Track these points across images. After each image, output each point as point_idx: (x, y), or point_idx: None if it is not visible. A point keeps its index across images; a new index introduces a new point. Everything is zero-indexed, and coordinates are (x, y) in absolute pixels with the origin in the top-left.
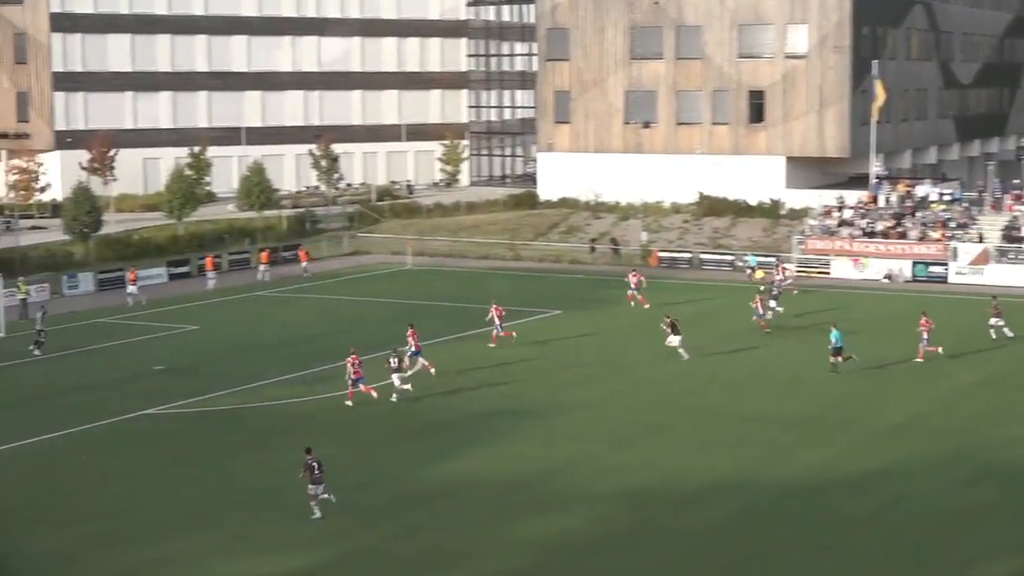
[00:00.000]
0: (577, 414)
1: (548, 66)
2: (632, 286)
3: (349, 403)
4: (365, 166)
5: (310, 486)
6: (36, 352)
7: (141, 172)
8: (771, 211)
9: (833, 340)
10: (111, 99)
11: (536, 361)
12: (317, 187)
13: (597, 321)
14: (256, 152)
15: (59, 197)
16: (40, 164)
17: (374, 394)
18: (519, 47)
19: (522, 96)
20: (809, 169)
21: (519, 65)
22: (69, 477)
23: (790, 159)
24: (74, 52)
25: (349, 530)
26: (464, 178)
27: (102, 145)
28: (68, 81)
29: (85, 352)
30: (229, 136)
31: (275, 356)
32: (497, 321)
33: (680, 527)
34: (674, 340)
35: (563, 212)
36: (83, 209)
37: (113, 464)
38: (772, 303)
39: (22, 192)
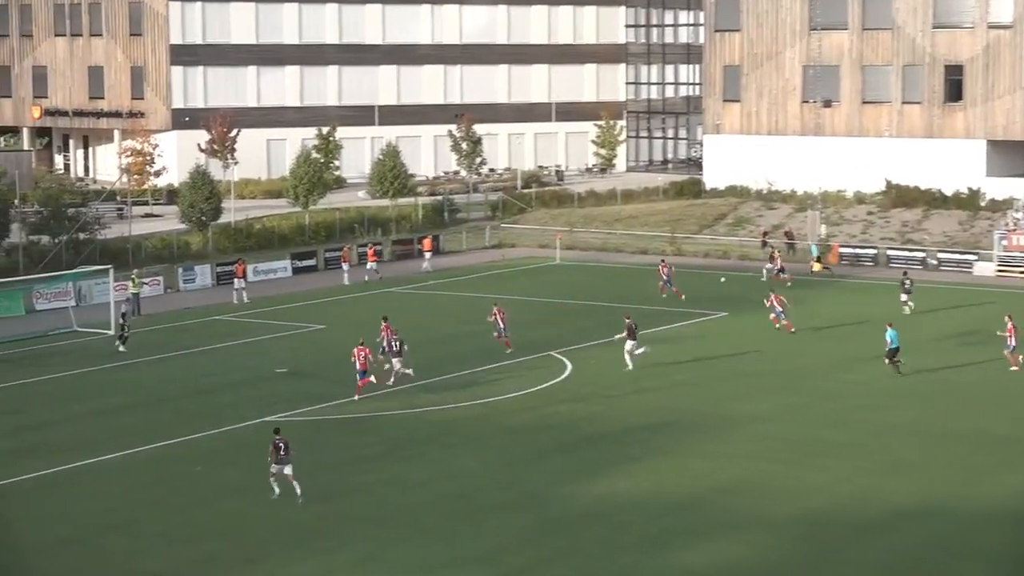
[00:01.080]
0: (747, 428)
1: (716, 37)
2: (664, 277)
3: (357, 397)
4: (510, 149)
5: (273, 465)
6: (122, 348)
7: (264, 155)
8: (969, 202)
9: (888, 341)
10: (233, 74)
11: (700, 368)
12: (457, 172)
13: (768, 324)
14: (390, 133)
15: (175, 182)
16: (155, 146)
17: (373, 379)
18: (684, 16)
19: (687, 71)
20: (1014, 154)
21: (684, 36)
22: (182, 489)
23: (992, 143)
24: (193, 23)
25: (490, 555)
26: (620, 163)
27: (222, 125)
28: (186, 55)
29: (201, 352)
30: (361, 115)
31: (417, 359)
32: (501, 324)
33: (863, 558)
34: (629, 345)
35: (731, 202)
36: (201, 195)
37: (230, 476)
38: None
39: (136, 176)
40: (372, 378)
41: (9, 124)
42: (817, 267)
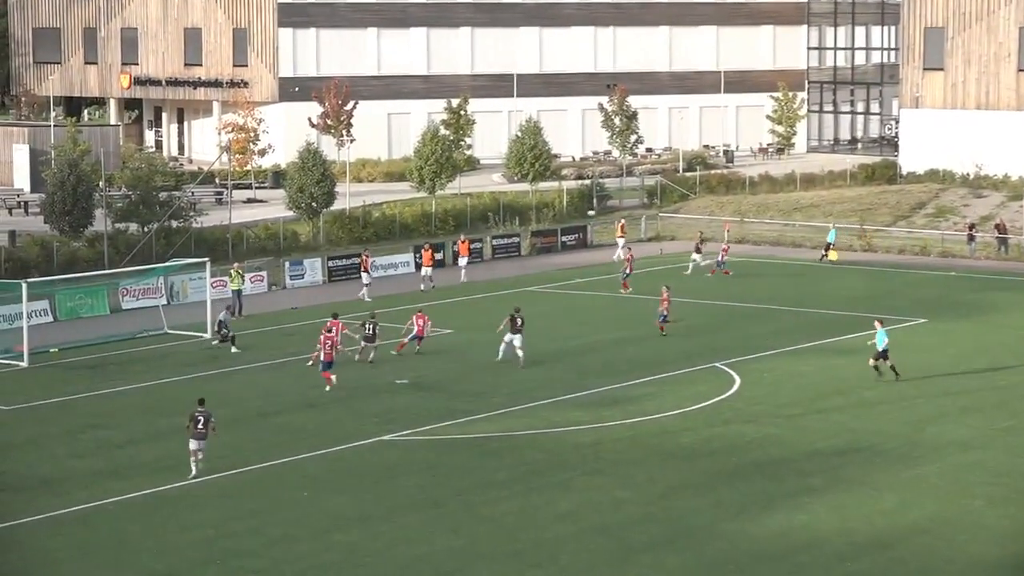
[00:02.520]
0: (948, 457)
1: None
2: (627, 270)
3: (328, 388)
4: (671, 126)
5: (191, 440)
6: (234, 348)
7: (384, 131)
8: None
9: (877, 342)
10: (350, 38)
11: (894, 385)
12: (608, 153)
13: (976, 334)
14: (531, 106)
15: (282, 162)
16: (260, 120)
17: (333, 379)
18: None
19: (880, 34)
20: None
21: None
22: (287, 518)
23: None
24: None
25: None
26: (800, 142)
27: (337, 96)
28: (297, 15)
29: (310, 360)
30: (497, 85)
31: (549, 370)
32: (416, 330)
33: None
34: (511, 338)
35: (932, 188)
36: (312, 178)
37: (343, 504)
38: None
39: (237, 156)
40: (334, 377)
41: (94, 95)
42: (834, 255)
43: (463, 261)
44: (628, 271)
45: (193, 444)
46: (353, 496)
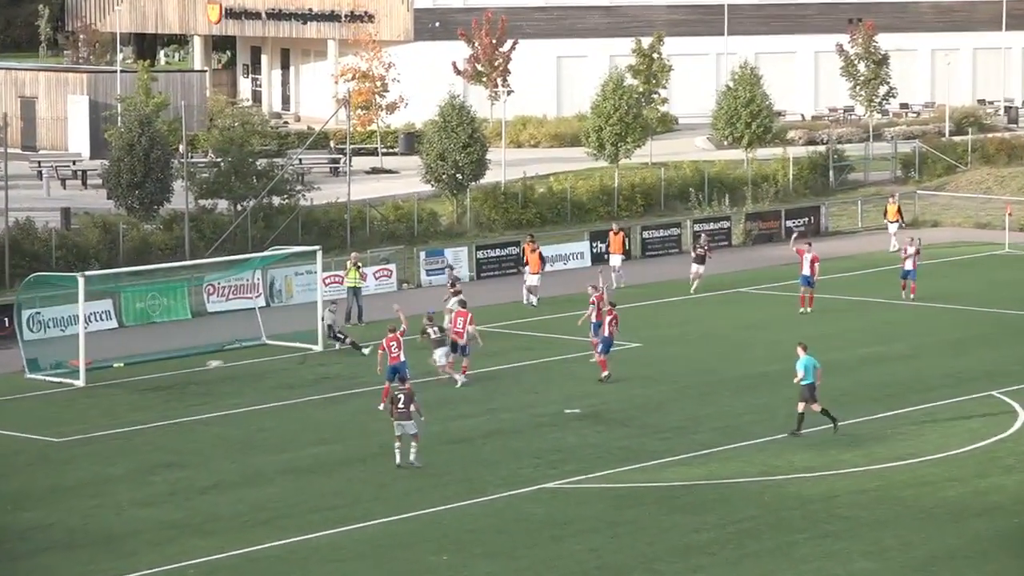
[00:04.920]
0: None
1: None
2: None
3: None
4: (934, 74)
5: (395, 424)
6: (365, 351)
7: (552, 80)
8: None
9: (800, 372)
10: None
11: None
12: (849, 110)
13: None
14: (745, 47)
15: (417, 121)
16: (389, 66)
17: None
18: None
19: None
20: None
21: None
22: None
23: None
24: None
25: None
26: None
27: (489, 34)
28: None
29: (451, 382)
30: (701, 20)
31: (769, 398)
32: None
33: None
34: (438, 354)
35: None
36: (456, 142)
37: (493, 571)
38: None
39: (359, 112)
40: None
41: (173, 31)
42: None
43: (614, 260)
44: (909, 267)
45: (398, 429)
46: (506, 562)
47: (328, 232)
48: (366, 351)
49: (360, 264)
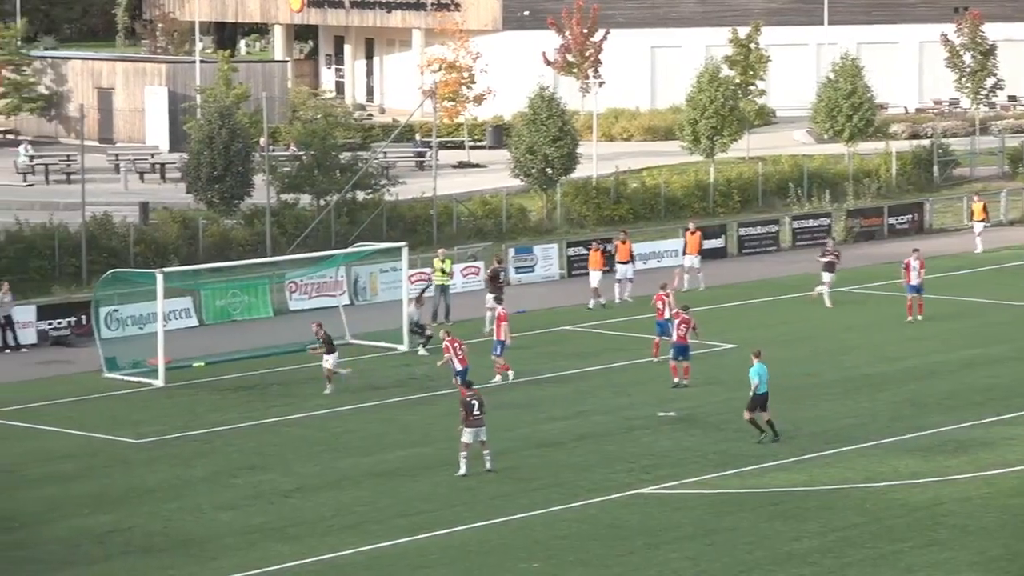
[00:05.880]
0: None
1: None
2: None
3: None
4: None
5: (464, 431)
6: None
7: (647, 71)
8: None
9: (754, 381)
10: None
11: None
12: (954, 102)
13: None
14: (846, 38)
15: (506, 113)
16: (477, 56)
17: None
18: None
19: None
20: None
21: None
22: None
23: None
24: None
25: None
26: None
27: (581, 23)
28: None
29: (542, 383)
30: (800, 8)
31: (872, 401)
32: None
33: None
34: (329, 360)
35: None
36: (546, 135)
37: None
38: None
39: (445, 104)
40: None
41: (254, 20)
42: None
43: (690, 261)
44: (916, 282)
45: (467, 436)
46: (599, 570)
47: (414, 228)
48: (422, 352)
49: (447, 260)
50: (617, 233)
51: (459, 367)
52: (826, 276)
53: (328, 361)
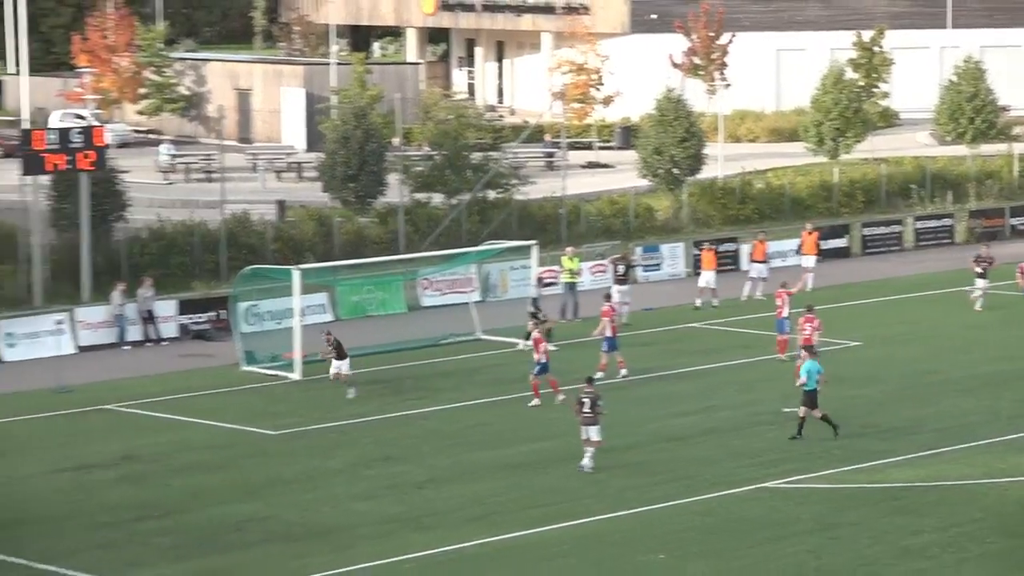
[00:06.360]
0: None
1: None
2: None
3: (537, 401)
4: None
5: (581, 428)
6: (526, 343)
7: (772, 74)
8: None
9: (803, 377)
10: None
11: None
12: None
13: None
14: (970, 41)
15: (633, 114)
16: (605, 59)
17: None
18: None
19: None
20: None
21: None
22: None
23: None
24: None
25: None
26: None
27: (707, 27)
28: None
29: (667, 378)
30: (923, 12)
31: (995, 398)
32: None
33: None
34: (342, 366)
35: None
36: (673, 136)
37: (710, 571)
38: None
39: (574, 105)
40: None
41: (388, 23)
42: None
43: (806, 260)
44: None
45: (583, 433)
46: (724, 561)
47: (543, 227)
48: (522, 345)
49: (576, 258)
50: (756, 233)
51: (543, 360)
52: (980, 282)
53: (343, 367)
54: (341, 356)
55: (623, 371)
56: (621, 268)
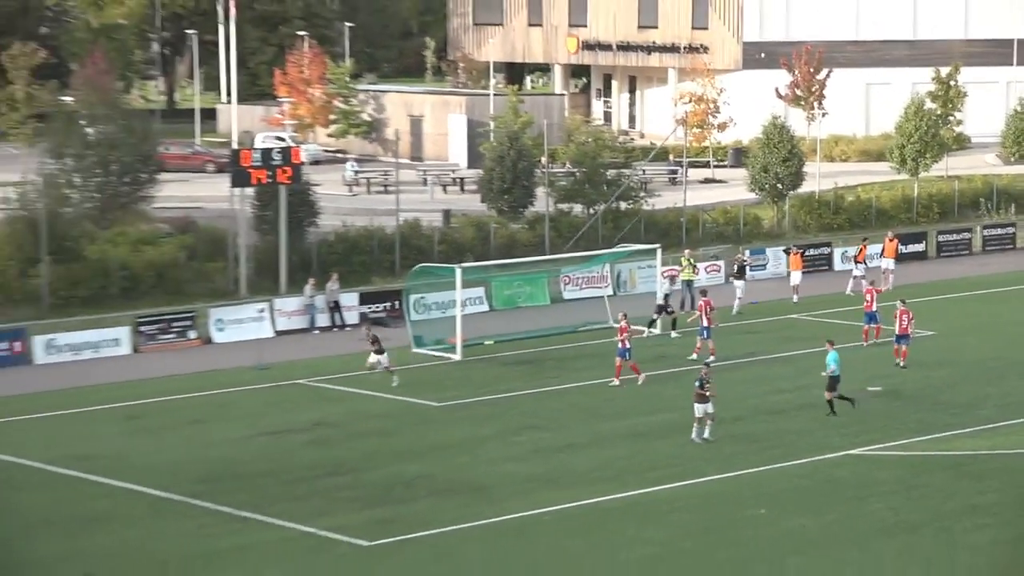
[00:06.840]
0: None
1: None
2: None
3: (616, 382)
4: None
5: (695, 405)
6: (650, 331)
7: (862, 104)
8: None
9: (831, 367)
10: None
11: None
12: None
13: None
14: None
15: (744, 138)
16: (720, 90)
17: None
18: None
19: None
20: None
21: None
22: (741, 538)
23: None
24: None
25: None
26: None
27: (808, 63)
28: None
29: (771, 362)
30: (993, 51)
31: None
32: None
33: None
34: (380, 359)
35: None
36: (777, 156)
37: (804, 525)
38: None
39: (694, 130)
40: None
41: (538, 60)
42: None
43: (886, 263)
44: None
45: (698, 410)
46: (816, 516)
47: (667, 233)
48: (647, 333)
49: (694, 260)
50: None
51: (620, 346)
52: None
53: (382, 360)
54: (379, 351)
55: (694, 355)
56: (735, 267)
